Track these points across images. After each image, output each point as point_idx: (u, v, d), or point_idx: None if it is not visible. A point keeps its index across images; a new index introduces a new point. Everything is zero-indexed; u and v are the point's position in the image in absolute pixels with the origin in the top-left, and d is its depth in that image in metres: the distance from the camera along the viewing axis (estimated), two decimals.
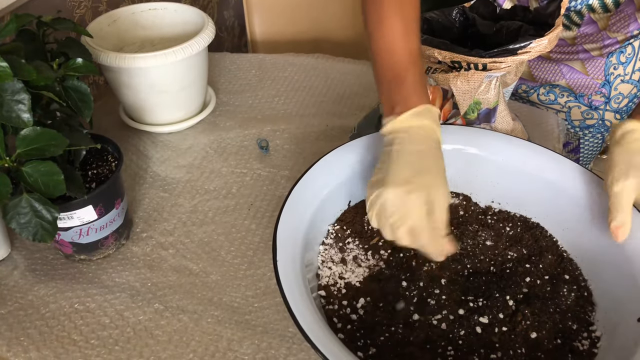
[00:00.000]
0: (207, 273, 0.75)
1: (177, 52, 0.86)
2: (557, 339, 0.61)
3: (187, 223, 0.82)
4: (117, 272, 0.75)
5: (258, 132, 0.99)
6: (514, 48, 0.70)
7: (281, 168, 0.91)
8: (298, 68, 1.17)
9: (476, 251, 0.70)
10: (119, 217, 0.74)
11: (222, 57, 1.20)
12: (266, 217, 0.83)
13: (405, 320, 0.62)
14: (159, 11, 1.01)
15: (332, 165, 0.70)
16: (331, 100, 1.08)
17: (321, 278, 0.66)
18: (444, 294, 0.64)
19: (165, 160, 0.93)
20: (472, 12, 0.81)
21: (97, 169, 0.73)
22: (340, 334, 0.60)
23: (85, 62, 0.67)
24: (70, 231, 0.70)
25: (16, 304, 0.71)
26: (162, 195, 0.87)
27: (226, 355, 0.65)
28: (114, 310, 0.70)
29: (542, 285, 0.66)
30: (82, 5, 1.14)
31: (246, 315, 0.70)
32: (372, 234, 0.71)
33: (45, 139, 0.59)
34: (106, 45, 0.92)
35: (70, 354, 0.65)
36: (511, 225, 0.73)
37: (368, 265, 0.68)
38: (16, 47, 0.62)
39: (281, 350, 0.66)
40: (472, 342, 0.60)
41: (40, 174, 0.59)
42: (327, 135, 0.98)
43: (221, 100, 1.07)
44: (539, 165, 0.72)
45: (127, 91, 0.92)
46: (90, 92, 0.68)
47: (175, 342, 0.67)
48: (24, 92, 0.57)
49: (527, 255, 0.70)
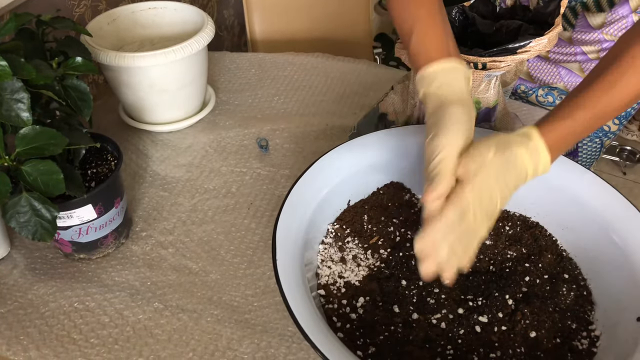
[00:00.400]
0: (206, 272, 0.75)
1: (177, 51, 0.86)
2: (557, 338, 0.61)
3: (186, 222, 0.82)
4: (117, 271, 0.75)
5: (258, 131, 0.99)
6: (514, 47, 0.70)
7: (281, 167, 0.91)
8: (298, 67, 1.17)
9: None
10: (118, 216, 0.74)
11: (221, 56, 1.20)
12: (266, 216, 0.83)
13: (405, 319, 0.62)
14: (158, 10, 1.01)
15: (331, 164, 0.70)
16: (331, 99, 1.08)
17: (321, 277, 0.66)
18: (444, 293, 0.64)
19: (164, 159, 0.93)
20: (471, 11, 0.81)
21: (97, 168, 0.73)
22: (340, 333, 0.60)
23: (85, 61, 0.67)
24: (69, 230, 0.70)
25: (16, 303, 0.71)
26: (162, 194, 0.87)
27: (226, 354, 0.65)
28: (114, 309, 0.70)
29: (542, 285, 0.66)
30: (82, 4, 1.14)
31: (246, 314, 0.70)
32: (371, 233, 0.71)
33: (44, 137, 0.59)
34: (106, 44, 0.92)
35: (70, 352, 0.65)
36: (510, 225, 0.73)
37: (367, 264, 0.68)
38: (15, 46, 0.62)
39: (281, 349, 0.66)
40: (472, 341, 0.60)
41: (40, 173, 0.59)
42: (327, 134, 0.98)
43: (221, 99, 1.07)
44: None
45: (126, 90, 0.92)
46: (89, 91, 0.68)
47: (174, 341, 0.67)
48: (24, 91, 0.57)
49: (526, 255, 0.70)
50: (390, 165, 0.75)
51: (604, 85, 0.57)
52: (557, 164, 0.71)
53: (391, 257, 0.69)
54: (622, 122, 1.03)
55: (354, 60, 1.20)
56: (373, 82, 1.12)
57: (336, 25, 1.55)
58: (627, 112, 1.02)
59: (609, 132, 1.03)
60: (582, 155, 1.08)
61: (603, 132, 1.03)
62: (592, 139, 1.05)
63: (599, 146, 1.07)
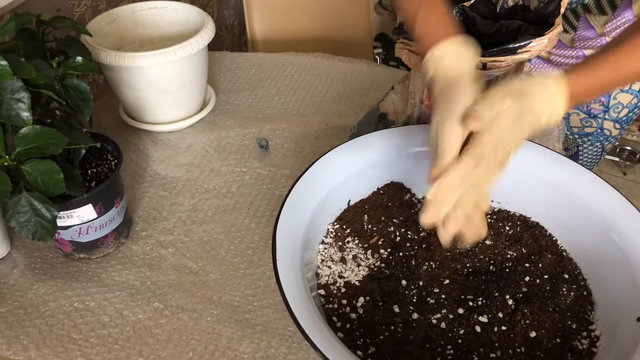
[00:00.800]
0: (206, 272, 0.75)
1: (177, 51, 0.86)
2: (557, 338, 0.61)
3: (186, 222, 0.82)
4: (117, 270, 0.75)
5: (258, 131, 0.99)
6: (514, 47, 0.70)
7: (281, 167, 0.91)
8: (298, 67, 1.17)
9: (476, 250, 0.70)
10: (118, 215, 0.74)
11: (222, 56, 1.20)
12: (266, 216, 0.83)
13: (405, 319, 0.62)
14: (158, 10, 1.01)
15: (331, 164, 0.70)
16: (331, 99, 1.08)
17: (321, 277, 0.66)
18: (444, 293, 0.64)
19: (165, 159, 0.93)
20: (472, 11, 0.81)
21: (97, 167, 0.73)
22: (340, 333, 0.60)
23: (85, 60, 0.67)
24: (69, 230, 0.70)
25: (16, 303, 0.71)
26: (162, 194, 0.87)
27: (226, 354, 0.65)
28: (114, 309, 0.70)
29: (542, 285, 0.66)
30: (82, 3, 1.14)
31: (246, 314, 0.70)
32: (371, 233, 0.71)
33: (44, 137, 0.59)
34: (106, 44, 0.92)
35: (70, 352, 0.65)
36: (511, 225, 0.73)
37: (367, 264, 0.68)
38: (16, 46, 0.62)
39: (280, 349, 0.66)
40: (472, 341, 0.60)
41: (40, 173, 0.59)
42: (327, 134, 0.98)
43: (221, 99, 1.07)
44: (538, 164, 0.72)
45: (126, 90, 0.92)
46: (89, 91, 0.68)
47: (174, 340, 0.67)
48: (24, 91, 0.57)
49: (526, 255, 0.70)
50: (390, 165, 0.75)
51: (629, 47, 0.59)
52: (557, 164, 0.72)
53: (391, 257, 0.69)
54: (623, 126, 1.03)
55: (354, 60, 1.20)
56: (373, 82, 1.12)
57: (336, 25, 1.55)
58: (629, 117, 1.01)
59: (610, 137, 1.03)
60: (583, 158, 1.08)
61: (604, 137, 1.03)
62: (592, 143, 1.05)
63: (600, 150, 1.06)
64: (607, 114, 1.00)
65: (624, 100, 0.98)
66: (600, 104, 0.99)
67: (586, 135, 1.03)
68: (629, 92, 0.98)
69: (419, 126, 0.77)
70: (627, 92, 0.98)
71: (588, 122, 1.02)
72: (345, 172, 0.71)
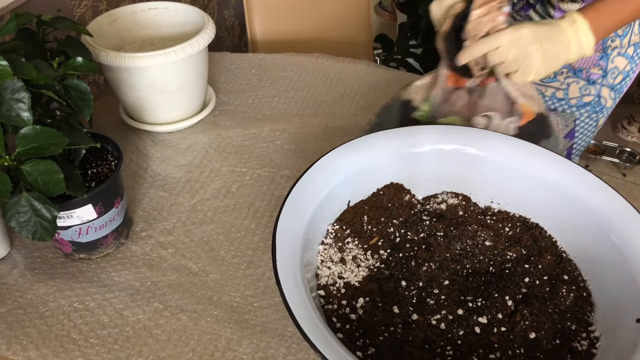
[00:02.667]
0: (206, 272, 0.75)
1: (177, 52, 0.86)
2: (556, 340, 0.61)
3: (186, 222, 0.82)
4: (117, 271, 0.75)
5: (258, 131, 0.99)
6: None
7: (281, 167, 0.91)
8: (298, 68, 1.17)
9: (475, 251, 0.70)
10: (118, 216, 0.74)
11: (222, 57, 1.20)
12: (266, 216, 0.83)
13: (405, 320, 0.62)
14: (159, 10, 1.01)
15: (331, 165, 0.70)
16: (331, 100, 1.08)
17: (320, 278, 0.66)
18: (443, 294, 0.65)
19: (165, 159, 0.93)
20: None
21: (97, 168, 0.73)
22: (340, 334, 0.60)
23: (85, 61, 0.67)
24: (69, 230, 0.70)
25: (15, 303, 0.71)
26: (162, 195, 0.87)
27: (225, 354, 0.65)
28: (114, 309, 0.70)
29: (541, 286, 0.66)
30: (82, 4, 1.14)
31: (245, 314, 0.70)
32: (371, 233, 0.71)
33: (45, 137, 0.59)
34: (106, 44, 0.92)
35: (70, 352, 0.65)
36: (510, 226, 0.73)
37: (367, 265, 0.68)
38: (16, 46, 0.62)
39: (280, 349, 0.66)
40: (471, 342, 0.60)
41: (40, 173, 0.59)
42: (327, 134, 0.98)
43: (221, 99, 1.07)
44: (538, 165, 0.72)
45: (127, 90, 0.92)
46: (90, 91, 0.68)
47: (174, 341, 0.67)
48: (24, 91, 0.57)
49: (526, 256, 0.70)
50: (390, 165, 0.75)
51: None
52: (557, 165, 0.72)
53: (391, 258, 0.69)
54: (616, 96, 1.04)
55: (354, 61, 1.20)
56: (373, 83, 1.12)
57: (336, 26, 1.55)
58: (622, 85, 1.03)
59: (604, 108, 1.05)
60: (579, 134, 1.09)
61: (600, 107, 1.04)
62: (589, 115, 1.06)
63: (595, 123, 1.08)
64: (605, 79, 1.02)
65: (620, 65, 1.01)
66: (600, 68, 1.00)
67: (584, 106, 1.05)
68: (624, 55, 1.00)
69: (419, 127, 0.77)
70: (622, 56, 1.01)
71: (587, 89, 1.03)
72: (345, 173, 0.71)
